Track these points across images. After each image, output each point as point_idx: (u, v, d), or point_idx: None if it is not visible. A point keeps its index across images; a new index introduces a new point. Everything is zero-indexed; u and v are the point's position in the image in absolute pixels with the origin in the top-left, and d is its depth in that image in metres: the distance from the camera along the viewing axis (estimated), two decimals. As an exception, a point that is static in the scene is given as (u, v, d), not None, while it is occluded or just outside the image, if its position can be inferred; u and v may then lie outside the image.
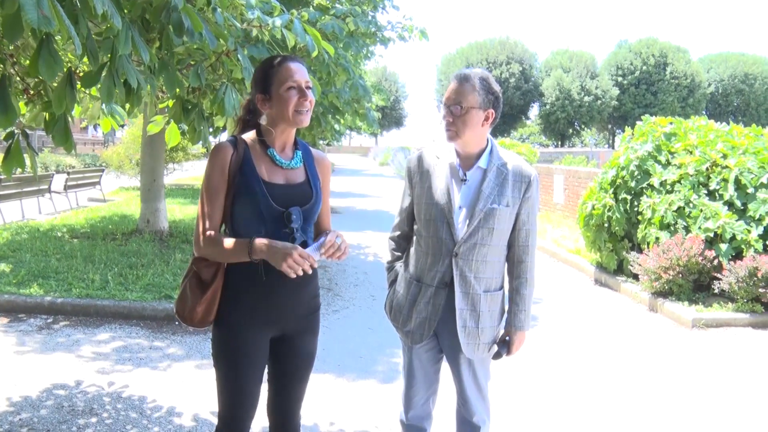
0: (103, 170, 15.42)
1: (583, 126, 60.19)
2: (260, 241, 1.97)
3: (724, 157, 6.84)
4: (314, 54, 3.32)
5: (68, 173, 13.65)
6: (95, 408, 3.69)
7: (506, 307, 2.55)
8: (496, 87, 2.35)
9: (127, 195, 15.12)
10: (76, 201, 13.42)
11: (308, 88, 2.12)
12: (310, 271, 1.95)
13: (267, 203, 2.05)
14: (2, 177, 10.33)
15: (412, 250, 2.53)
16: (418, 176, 2.47)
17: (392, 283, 2.62)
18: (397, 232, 2.60)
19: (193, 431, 3.45)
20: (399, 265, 2.62)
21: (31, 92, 3.16)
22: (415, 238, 2.52)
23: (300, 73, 2.10)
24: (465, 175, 2.39)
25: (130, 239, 8.28)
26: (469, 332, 2.40)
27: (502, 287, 2.50)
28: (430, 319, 2.43)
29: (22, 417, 3.53)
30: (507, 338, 2.52)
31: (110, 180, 17.68)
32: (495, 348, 2.52)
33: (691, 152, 7.07)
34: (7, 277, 6.09)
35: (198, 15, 2.66)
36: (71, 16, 2.21)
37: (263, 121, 2.22)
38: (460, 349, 2.43)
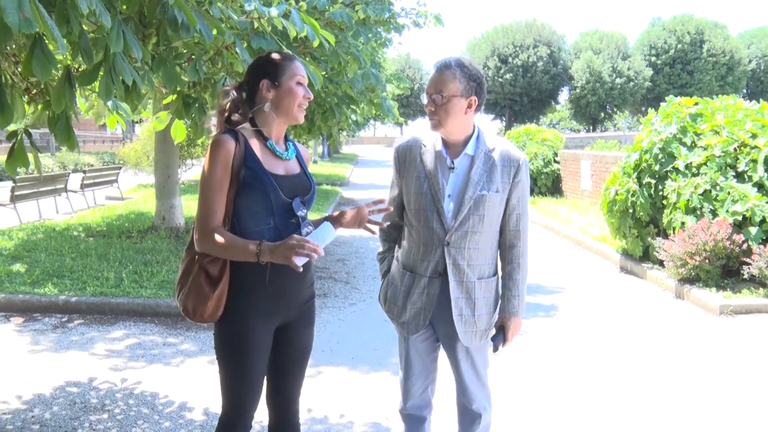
0: (120, 168, 15.50)
1: (615, 109, 57.29)
2: (266, 245, 2.01)
3: (753, 136, 6.62)
4: (315, 43, 3.29)
5: (84, 172, 13.75)
6: (107, 404, 3.72)
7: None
8: (478, 72, 2.31)
9: (145, 192, 15.20)
10: (93, 200, 13.55)
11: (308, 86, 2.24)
12: (315, 257, 1.99)
13: (277, 195, 2.09)
14: (18, 177, 10.46)
15: (404, 240, 2.51)
16: (406, 166, 2.46)
17: (385, 273, 2.61)
18: (387, 222, 2.59)
19: (203, 425, 3.47)
20: (391, 256, 2.60)
21: (33, 91, 3.17)
22: (406, 228, 2.50)
23: (303, 72, 2.21)
24: (452, 162, 2.37)
25: (145, 237, 8.34)
26: (466, 320, 2.39)
27: (495, 273, 2.48)
28: (425, 310, 2.42)
29: (34, 414, 3.57)
30: (502, 326, 2.48)
31: (128, 177, 17.79)
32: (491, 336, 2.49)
33: (717, 133, 6.83)
34: (22, 277, 6.16)
35: (194, 10, 2.64)
36: (62, 16, 2.20)
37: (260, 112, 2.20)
38: (456, 338, 2.41)
